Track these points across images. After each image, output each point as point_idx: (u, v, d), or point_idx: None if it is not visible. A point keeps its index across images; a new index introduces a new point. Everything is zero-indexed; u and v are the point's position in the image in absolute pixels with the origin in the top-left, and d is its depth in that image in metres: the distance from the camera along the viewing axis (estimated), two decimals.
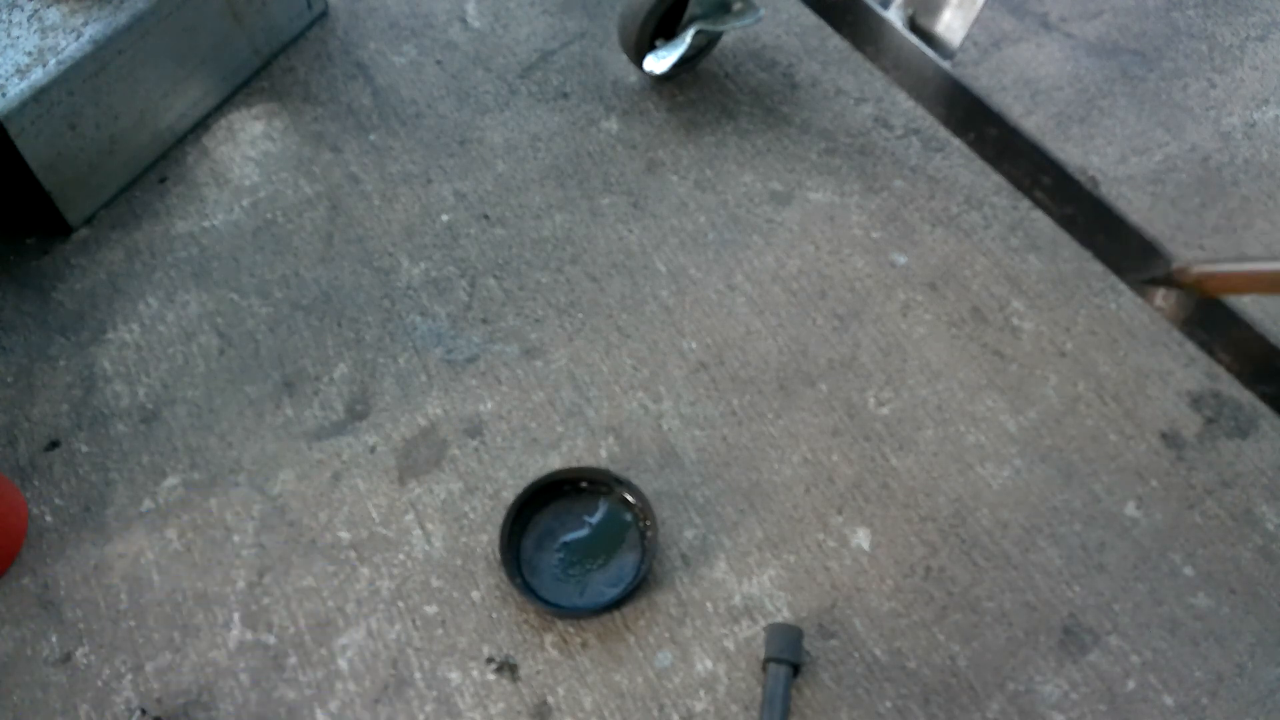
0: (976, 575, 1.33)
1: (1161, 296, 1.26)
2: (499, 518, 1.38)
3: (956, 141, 1.67)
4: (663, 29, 1.74)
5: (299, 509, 1.41)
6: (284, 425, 1.48)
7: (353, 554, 1.38)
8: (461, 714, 1.26)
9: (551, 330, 1.55)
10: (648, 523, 1.36)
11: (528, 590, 1.32)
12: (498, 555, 1.34)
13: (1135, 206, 1.65)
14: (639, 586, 1.32)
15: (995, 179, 1.67)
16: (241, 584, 1.36)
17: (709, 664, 1.28)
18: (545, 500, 1.39)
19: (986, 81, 1.81)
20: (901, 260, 1.60)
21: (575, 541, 1.37)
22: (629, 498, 1.38)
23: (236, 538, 1.39)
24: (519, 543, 1.36)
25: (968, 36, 1.50)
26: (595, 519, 1.38)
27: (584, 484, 1.40)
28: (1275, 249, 1.59)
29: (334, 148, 1.76)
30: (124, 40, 1.58)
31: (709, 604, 1.32)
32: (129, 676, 1.30)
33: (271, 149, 1.76)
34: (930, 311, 1.55)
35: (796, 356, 1.51)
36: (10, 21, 1.57)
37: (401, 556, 1.37)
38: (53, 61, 1.52)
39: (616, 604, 1.31)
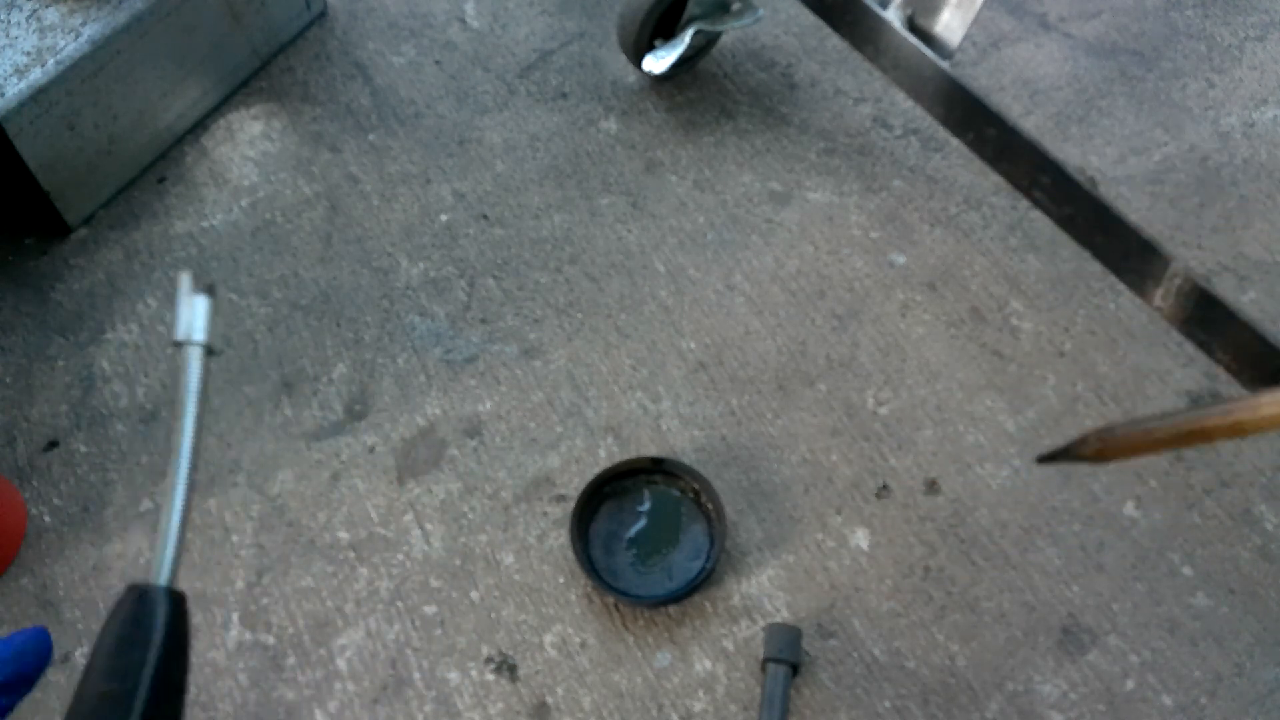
0: (975, 575, 1.33)
1: (1160, 296, 1.26)
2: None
3: (955, 141, 1.67)
4: (662, 29, 1.74)
5: (298, 509, 1.41)
6: (283, 425, 1.48)
7: (351, 554, 1.38)
8: (460, 714, 1.26)
9: (550, 330, 1.55)
10: (694, 485, 1.37)
11: (627, 597, 1.31)
12: (589, 581, 1.33)
13: (1134, 206, 1.65)
14: (720, 547, 1.32)
15: (994, 179, 1.67)
16: (240, 584, 1.36)
17: (708, 664, 1.28)
18: (594, 507, 1.38)
19: (985, 81, 1.81)
20: (900, 260, 1.60)
21: (639, 534, 1.37)
22: (669, 473, 1.38)
23: (235, 538, 1.39)
24: (590, 557, 1.35)
25: (966, 36, 1.50)
26: (646, 507, 1.38)
27: (624, 480, 1.40)
28: (1274, 249, 1.59)
29: (333, 148, 1.76)
30: (122, 40, 1.58)
31: (708, 604, 1.32)
32: None
33: (270, 149, 1.76)
34: (929, 311, 1.55)
35: (795, 356, 1.51)
36: (9, 21, 1.57)
37: (400, 556, 1.37)
38: (51, 61, 1.52)
39: (713, 568, 1.31)
